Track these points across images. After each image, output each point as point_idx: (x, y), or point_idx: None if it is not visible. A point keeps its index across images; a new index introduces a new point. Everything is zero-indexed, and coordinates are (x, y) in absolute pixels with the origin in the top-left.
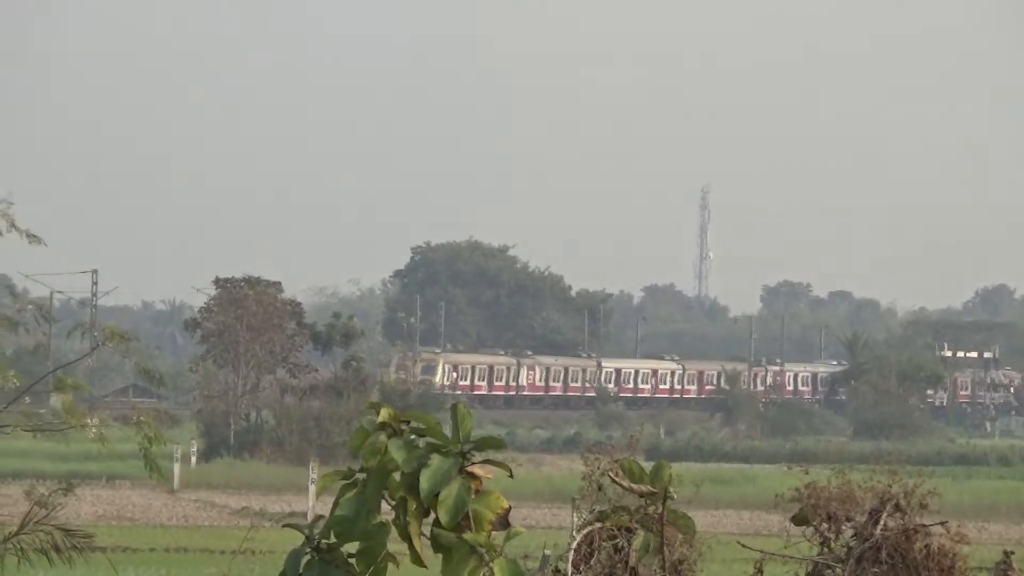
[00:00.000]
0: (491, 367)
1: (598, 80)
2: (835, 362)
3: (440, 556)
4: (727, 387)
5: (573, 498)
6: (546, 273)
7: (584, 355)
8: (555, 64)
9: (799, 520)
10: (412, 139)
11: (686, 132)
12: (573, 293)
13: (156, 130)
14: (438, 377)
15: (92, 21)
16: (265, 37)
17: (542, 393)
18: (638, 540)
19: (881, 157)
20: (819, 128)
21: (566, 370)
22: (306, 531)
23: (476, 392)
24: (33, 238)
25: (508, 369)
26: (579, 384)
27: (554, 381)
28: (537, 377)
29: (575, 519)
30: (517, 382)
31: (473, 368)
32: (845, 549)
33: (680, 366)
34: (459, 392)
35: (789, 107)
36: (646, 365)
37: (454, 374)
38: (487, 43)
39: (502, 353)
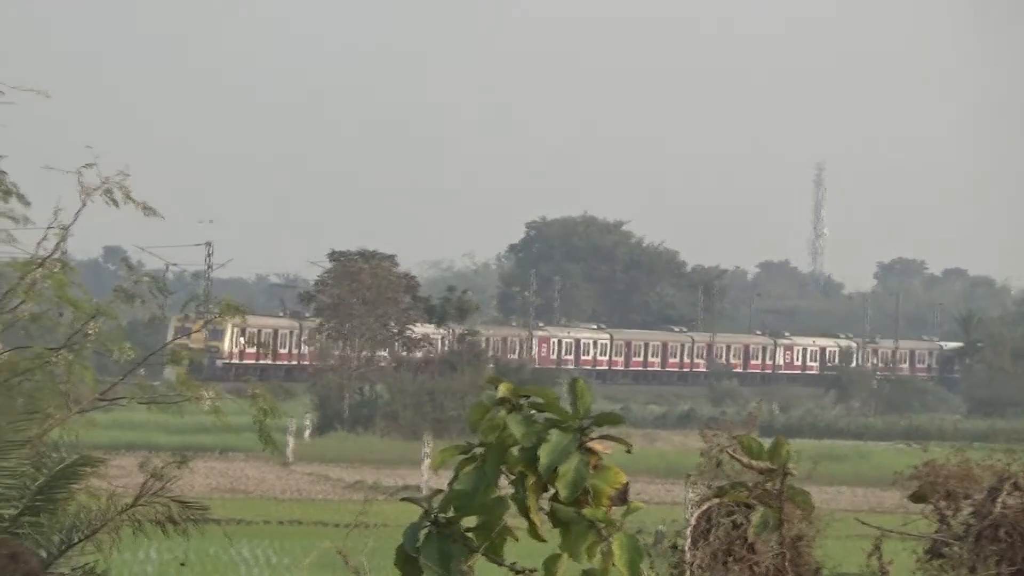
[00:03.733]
0: (578, 341)
1: (714, 57)
2: (944, 340)
3: (558, 531)
4: (841, 364)
5: (689, 474)
6: (661, 249)
7: (678, 330)
8: (668, 41)
9: (918, 498)
10: (528, 114)
11: (802, 107)
12: (688, 269)
13: (275, 104)
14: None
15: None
16: (372, 19)
17: (640, 368)
18: (756, 516)
19: (996, 133)
20: (936, 103)
21: (664, 345)
22: (424, 505)
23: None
24: (149, 210)
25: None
26: (677, 360)
27: (653, 356)
28: (636, 352)
29: (691, 495)
30: (609, 356)
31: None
32: (964, 527)
33: (790, 342)
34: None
35: (910, 83)
36: (759, 341)
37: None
38: (598, 22)
39: (594, 328)
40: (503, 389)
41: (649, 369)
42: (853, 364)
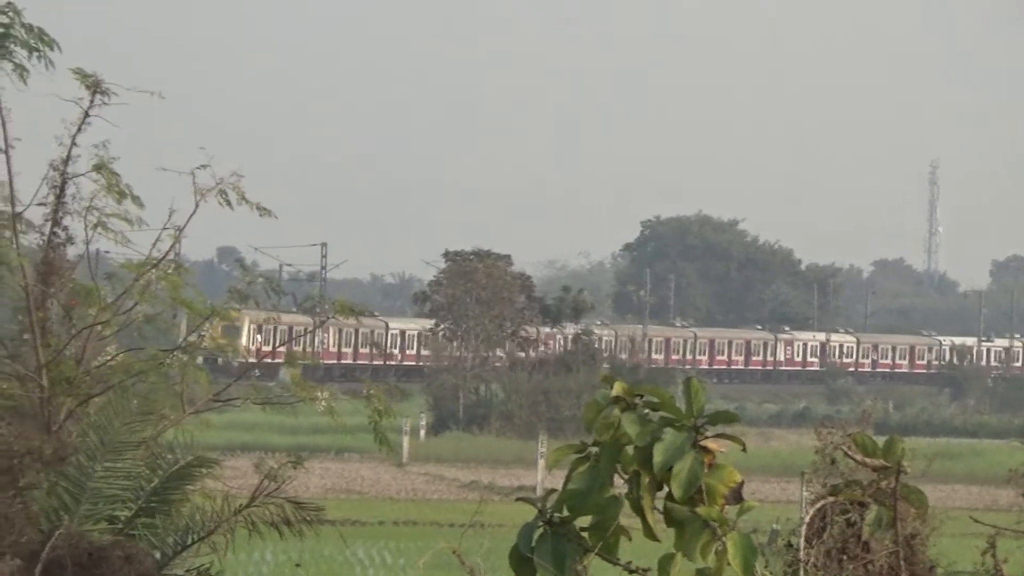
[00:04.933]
0: (667, 339)
1: (826, 56)
2: None
3: (673, 530)
4: (956, 362)
5: (803, 472)
6: (776, 247)
7: (787, 330)
8: (785, 42)
9: None
10: (642, 112)
11: (914, 106)
12: (803, 267)
13: (391, 106)
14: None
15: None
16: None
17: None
18: (871, 514)
19: None
20: None
21: (751, 343)
22: (538, 504)
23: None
24: (263, 211)
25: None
26: (760, 358)
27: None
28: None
29: (805, 493)
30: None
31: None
32: None
33: (915, 341)
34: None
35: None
36: (883, 340)
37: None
38: (715, 22)
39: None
40: (617, 388)
41: (732, 368)
42: (969, 362)
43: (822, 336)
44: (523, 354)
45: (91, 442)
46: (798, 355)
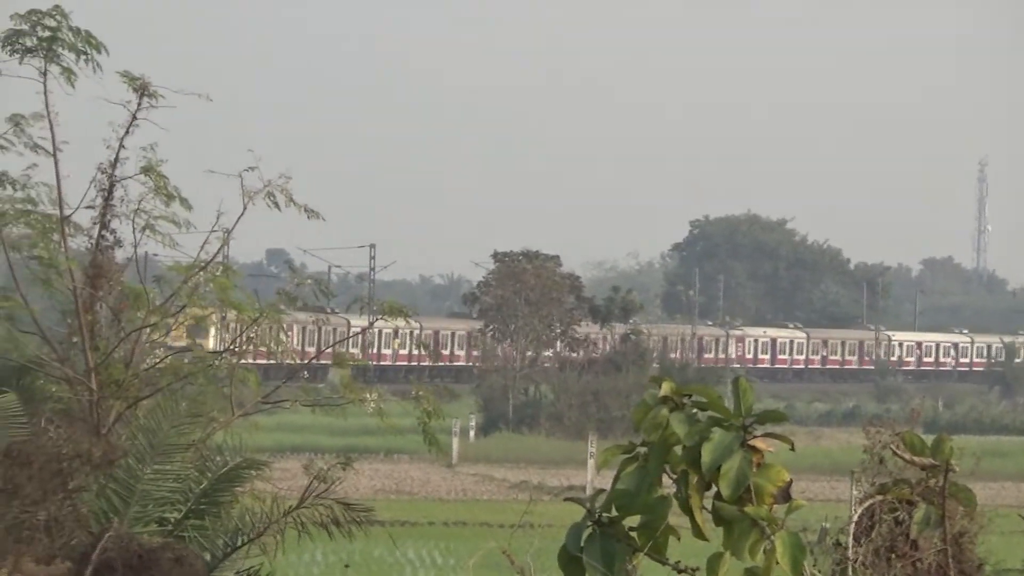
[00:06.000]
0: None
1: (877, 56)
2: None
3: (721, 529)
4: (1005, 360)
5: (852, 471)
6: (824, 246)
7: (792, 326)
8: (831, 42)
9: None
10: (689, 114)
11: (963, 104)
12: (851, 266)
13: (440, 108)
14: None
15: None
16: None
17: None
18: (919, 513)
19: None
20: None
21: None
22: (587, 504)
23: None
24: (311, 213)
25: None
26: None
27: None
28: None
29: (854, 492)
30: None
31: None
32: None
33: (970, 339)
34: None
35: None
36: (930, 338)
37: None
38: (762, 24)
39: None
40: (665, 388)
41: (759, 366)
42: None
43: (917, 335)
44: (572, 354)
45: (140, 445)
46: (896, 353)
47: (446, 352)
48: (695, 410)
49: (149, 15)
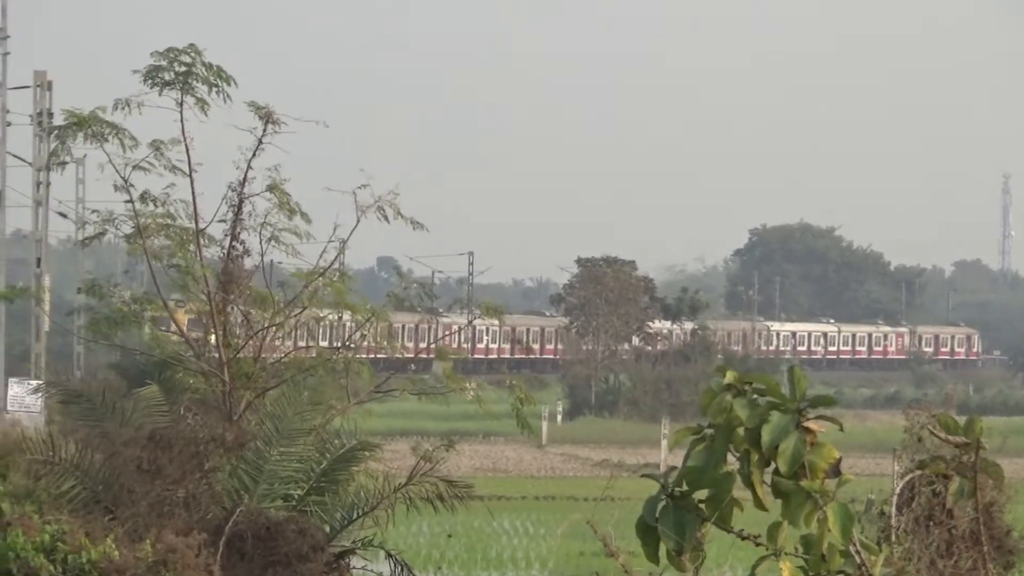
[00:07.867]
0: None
1: (910, 75)
2: None
3: (780, 501)
4: None
5: (894, 448)
6: (868, 250)
7: (825, 321)
8: (876, 56)
9: None
10: (750, 128)
11: (989, 119)
12: (892, 268)
13: (540, 117)
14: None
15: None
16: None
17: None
18: (954, 485)
19: None
20: None
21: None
22: (661, 480)
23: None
24: (416, 224)
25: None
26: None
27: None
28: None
29: (896, 468)
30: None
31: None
32: None
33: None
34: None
35: None
36: (954, 331)
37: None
38: (815, 35)
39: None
40: (729, 376)
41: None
42: None
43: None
44: (647, 348)
45: (267, 430)
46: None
47: (536, 346)
48: (755, 396)
49: (283, 50)
